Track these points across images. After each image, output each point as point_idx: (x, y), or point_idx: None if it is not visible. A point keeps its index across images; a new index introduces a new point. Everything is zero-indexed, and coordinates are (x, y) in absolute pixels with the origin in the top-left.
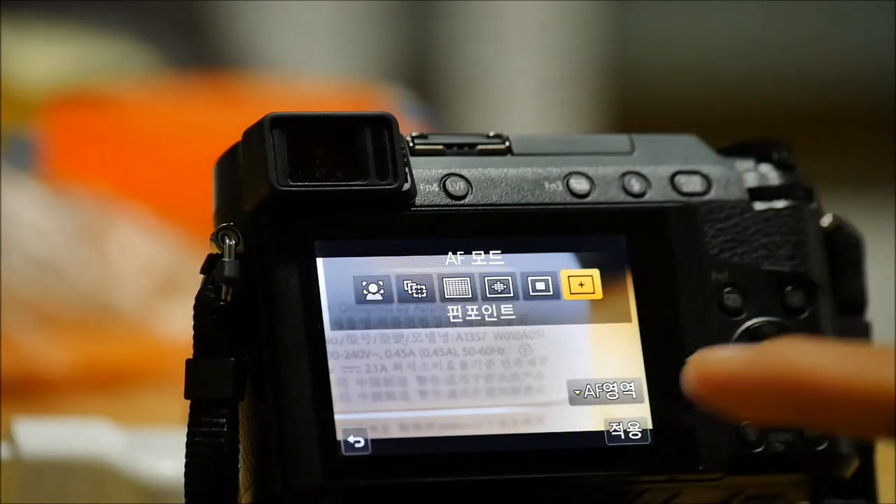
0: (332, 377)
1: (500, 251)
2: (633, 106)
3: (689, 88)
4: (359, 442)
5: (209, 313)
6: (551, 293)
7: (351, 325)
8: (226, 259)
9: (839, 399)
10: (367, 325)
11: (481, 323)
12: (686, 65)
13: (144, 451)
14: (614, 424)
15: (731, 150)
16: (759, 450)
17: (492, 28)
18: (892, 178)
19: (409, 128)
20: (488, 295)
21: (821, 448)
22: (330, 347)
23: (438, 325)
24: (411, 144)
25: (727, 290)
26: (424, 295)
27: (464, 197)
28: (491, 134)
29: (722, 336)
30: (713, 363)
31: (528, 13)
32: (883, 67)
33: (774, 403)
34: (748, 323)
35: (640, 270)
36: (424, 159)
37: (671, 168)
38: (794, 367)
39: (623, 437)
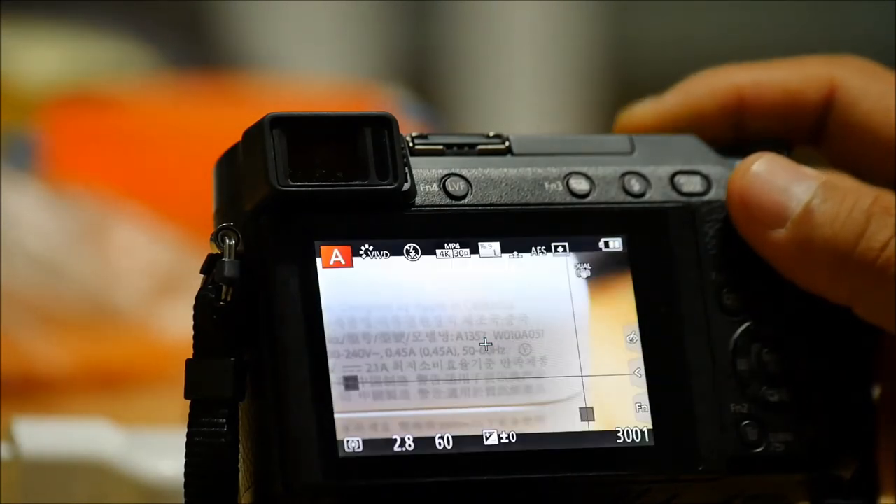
0: (332, 377)
1: (499, 251)
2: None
3: None
4: (359, 442)
5: (209, 313)
6: (551, 293)
7: (351, 325)
8: (226, 259)
9: None
10: (368, 325)
11: (481, 322)
12: (686, 65)
13: (144, 451)
14: (614, 424)
15: (731, 149)
16: (759, 450)
17: (491, 28)
18: None
19: (409, 128)
20: (488, 295)
21: (821, 448)
22: (330, 347)
23: (439, 325)
24: (411, 144)
25: (726, 290)
26: (425, 295)
27: (464, 197)
28: (491, 134)
29: (722, 336)
30: None
31: (528, 13)
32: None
33: None
34: (748, 323)
35: (640, 270)
36: (424, 159)
37: (671, 168)
38: None
39: (623, 437)
